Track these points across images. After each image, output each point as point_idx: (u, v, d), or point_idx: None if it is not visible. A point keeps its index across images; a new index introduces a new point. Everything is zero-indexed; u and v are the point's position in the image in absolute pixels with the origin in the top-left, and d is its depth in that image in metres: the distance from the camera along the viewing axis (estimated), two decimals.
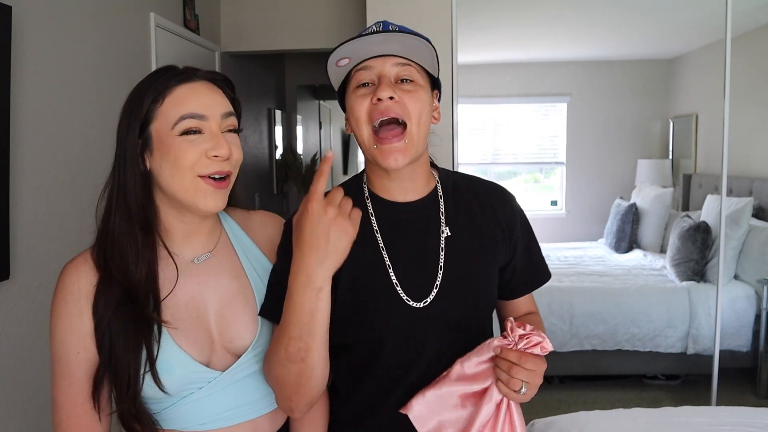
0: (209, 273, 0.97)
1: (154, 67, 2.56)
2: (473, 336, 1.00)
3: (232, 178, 0.95)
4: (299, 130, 5.12)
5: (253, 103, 4.14)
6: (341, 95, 1.03)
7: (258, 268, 1.02)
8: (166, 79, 0.91)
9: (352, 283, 0.99)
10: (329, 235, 0.83)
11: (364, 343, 1.00)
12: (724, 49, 2.79)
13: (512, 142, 5.07)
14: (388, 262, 0.99)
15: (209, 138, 0.90)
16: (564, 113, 4.94)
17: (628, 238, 4.45)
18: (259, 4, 3.46)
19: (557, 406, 3.13)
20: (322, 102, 5.60)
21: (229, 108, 0.94)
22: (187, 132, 0.89)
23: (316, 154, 5.09)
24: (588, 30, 4.04)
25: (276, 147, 4.71)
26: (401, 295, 0.98)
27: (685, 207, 4.40)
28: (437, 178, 1.07)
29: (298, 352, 0.87)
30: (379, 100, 0.92)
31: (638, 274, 3.84)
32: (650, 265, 4.04)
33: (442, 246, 1.00)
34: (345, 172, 6.92)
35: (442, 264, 0.99)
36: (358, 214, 0.88)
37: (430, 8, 2.76)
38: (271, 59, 4.53)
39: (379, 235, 1.01)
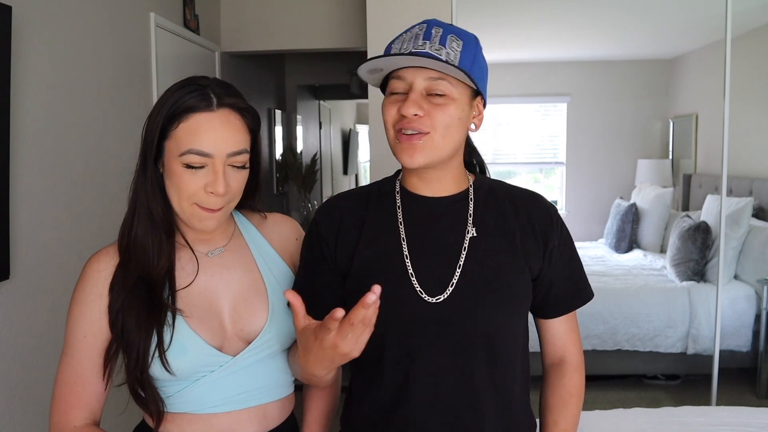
0: (222, 266, 1.03)
1: (154, 68, 2.56)
2: (492, 345, 0.98)
3: (230, 206, 0.98)
4: (299, 130, 5.12)
5: (253, 103, 4.12)
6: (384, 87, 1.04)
7: (270, 263, 1.07)
8: (186, 101, 0.91)
9: (368, 270, 0.99)
10: (329, 356, 0.85)
11: (372, 336, 0.96)
12: (724, 49, 2.79)
13: (512, 142, 5.06)
14: (406, 252, 0.98)
15: (210, 173, 0.92)
16: (564, 113, 4.93)
17: (628, 238, 4.45)
18: (259, 4, 3.46)
19: None
20: (322, 102, 5.60)
21: (241, 146, 0.94)
22: (189, 165, 0.91)
23: (316, 154, 5.10)
24: (588, 30, 4.04)
25: (276, 147, 4.71)
26: (415, 285, 0.97)
27: (685, 207, 4.40)
28: (471, 182, 1.05)
29: (311, 376, 0.96)
30: (404, 116, 0.93)
31: (638, 274, 3.84)
32: (650, 265, 4.04)
33: (465, 246, 0.99)
34: (345, 172, 6.91)
35: (462, 262, 0.98)
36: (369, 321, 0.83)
37: (429, 8, 2.76)
38: (271, 59, 4.53)
39: (402, 225, 1.01)
